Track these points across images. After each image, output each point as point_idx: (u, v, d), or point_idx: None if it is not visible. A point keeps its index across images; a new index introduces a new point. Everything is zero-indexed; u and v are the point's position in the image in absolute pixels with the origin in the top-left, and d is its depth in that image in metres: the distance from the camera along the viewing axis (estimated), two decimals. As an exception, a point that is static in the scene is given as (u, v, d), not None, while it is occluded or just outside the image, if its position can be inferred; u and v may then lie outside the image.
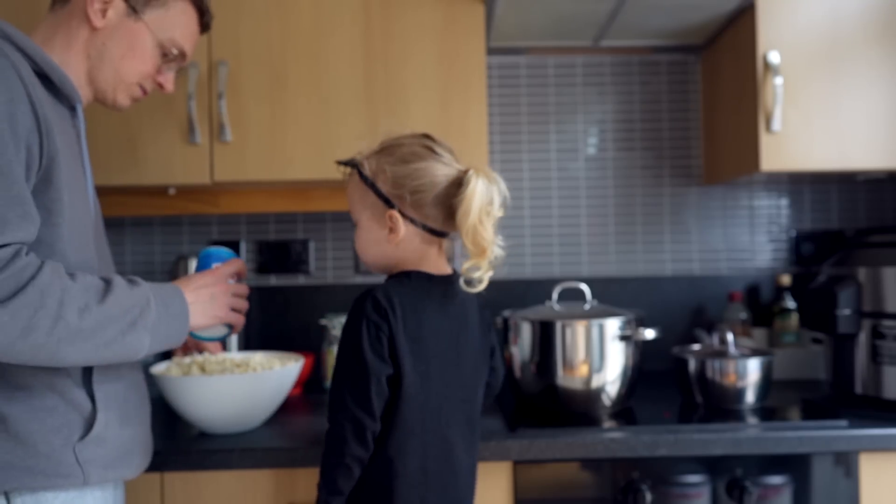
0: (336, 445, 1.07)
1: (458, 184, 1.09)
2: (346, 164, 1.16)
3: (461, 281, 1.11)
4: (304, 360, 1.48)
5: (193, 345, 1.29)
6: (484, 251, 1.08)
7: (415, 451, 1.09)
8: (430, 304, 1.12)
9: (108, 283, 0.99)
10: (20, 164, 0.94)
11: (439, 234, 1.13)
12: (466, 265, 1.10)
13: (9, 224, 0.91)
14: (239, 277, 1.22)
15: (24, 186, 0.93)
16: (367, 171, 1.13)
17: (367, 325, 1.07)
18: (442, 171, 1.10)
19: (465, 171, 1.10)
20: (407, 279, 1.13)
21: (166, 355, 1.56)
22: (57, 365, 0.95)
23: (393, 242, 1.12)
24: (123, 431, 1.06)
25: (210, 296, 1.13)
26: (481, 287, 1.11)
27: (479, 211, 1.07)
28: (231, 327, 1.21)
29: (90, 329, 0.94)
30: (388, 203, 1.11)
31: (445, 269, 1.16)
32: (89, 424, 1.01)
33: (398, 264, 1.14)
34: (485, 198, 1.08)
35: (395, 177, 1.10)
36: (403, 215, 1.11)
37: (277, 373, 1.38)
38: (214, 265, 1.21)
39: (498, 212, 1.11)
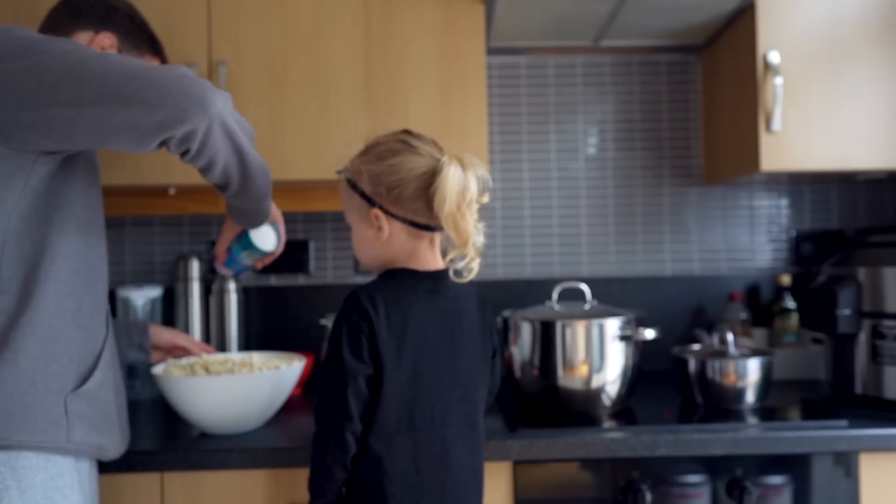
0: (318, 447, 1.08)
1: (433, 173, 1.08)
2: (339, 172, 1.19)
3: (451, 273, 1.10)
4: (305, 360, 1.48)
5: (253, 260, 1.44)
6: (466, 240, 1.07)
7: (405, 449, 1.08)
8: (416, 300, 1.11)
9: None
10: None
11: (425, 228, 1.12)
12: (450, 255, 1.09)
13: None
14: None
15: None
16: (349, 173, 1.15)
17: (346, 325, 1.07)
18: (418, 163, 1.09)
19: (439, 160, 1.09)
20: (392, 277, 1.13)
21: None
22: (236, 151, 1.09)
23: (381, 241, 1.12)
24: (109, 396, 1.11)
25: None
26: (471, 276, 1.10)
27: (456, 198, 1.06)
28: (273, 252, 1.42)
29: (250, 130, 1.13)
30: (371, 202, 1.12)
31: (435, 265, 1.15)
32: (83, 379, 1.06)
33: (390, 262, 1.15)
34: (460, 184, 1.07)
35: (372, 175, 1.11)
36: (386, 212, 1.11)
37: (280, 373, 1.38)
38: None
39: (481, 198, 1.10)
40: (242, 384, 1.34)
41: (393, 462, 1.07)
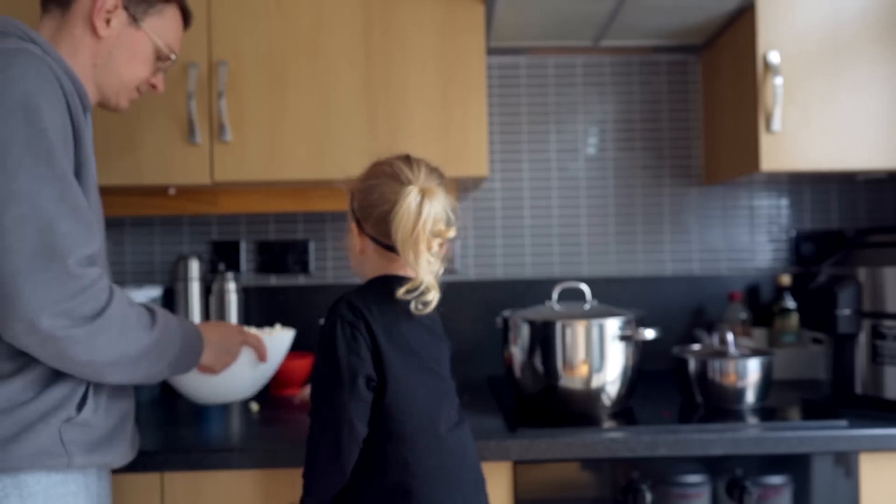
0: (314, 454, 1.08)
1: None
2: None
3: (411, 305, 1.09)
4: (293, 331, 1.53)
5: None
6: (417, 272, 1.08)
7: (427, 448, 1.08)
8: (399, 304, 1.11)
9: (153, 315, 1.08)
10: (73, 174, 1.01)
11: (392, 250, 1.12)
12: (404, 287, 1.08)
13: (89, 233, 0.99)
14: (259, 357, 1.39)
15: (83, 197, 1.01)
16: (351, 184, 1.20)
17: (341, 325, 1.07)
18: (392, 189, 1.11)
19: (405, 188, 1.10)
20: (378, 282, 1.15)
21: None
22: (95, 380, 1.03)
23: (358, 253, 1.17)
24: (108, 420, 1.08)
25: (226, 349, 1.29)
26: (427, 310, 1.10)
27: (409, 227, 1.07)
28: None
29: (133, 357, 1.04)
30: (354, 215, 1.17)
31: (410, 274, 1.16)
32: (78, 408, 1.03)
33: (370, 272, 1.18)
34: (411, 214, 1.07)
35: (356, 191, 1.17)
36: (360, 229, 1.16)
37: (276, 339, 1.42)
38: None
39: (445, 233, 1.10)
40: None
41: (419, 462, 1.07)
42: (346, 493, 1.09)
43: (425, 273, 1.08)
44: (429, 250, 1.08)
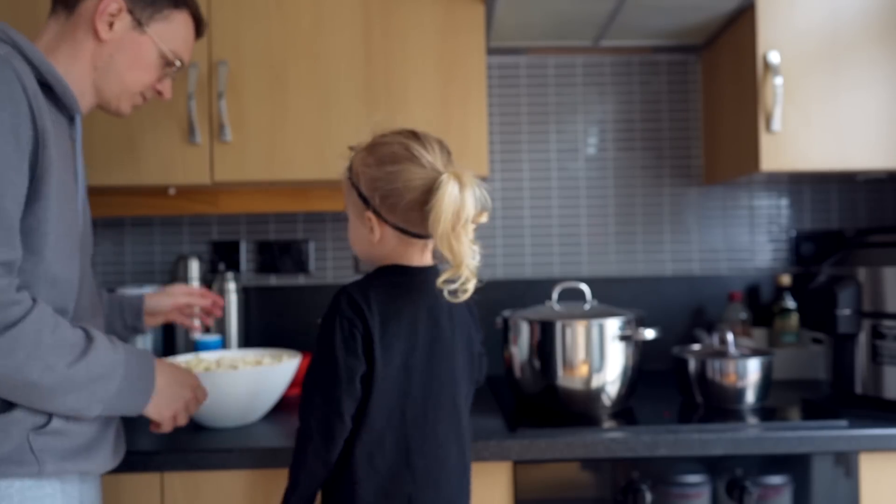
0: (303, 444, 1.07)
1: (430, 189, 1.04)
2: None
3: (445, 292, 1.06)
4: (298, 357, 1.50)
5: None
6: (459, 262, 1.04)
7: (396, 445, 1.08)
8: (408, 297, 1.11)
9: (88, 342, 1.01)
10: (23, 178, 0.97)
11: (417, 236, 1.11)
12: (444, 276, 1.06)
13: (5, 238, 0.94)
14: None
15: (16, 205, 0.96)
16: (351, 169, 1.13)
17: (340, 322, 1.07)
18: (417, 174, 1.06)
19: (439, 175, 1.05)
20: (384, 273, 1.13)
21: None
22: (5, 398, 0.98)
23: (372, 242, 1.12)
24: (87, 427, 1.06)
25: (174, 395, 1.16)
26: (465, 297, 1.06)
27: (451, 218, 1.03)
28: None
29: (46, 387, 0.96)
30: (366, 203, 1.10)
31: (427, 262, 1.15)
32: (49, 417, 1.01)
33: (382, 259, 1.14)
34: (456, 204, 1.03)
35: (369, 179, 1.09)
36: (379, 217, 1.10)
37: (261, 370, 1.41)
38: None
39: (478, 218, 1.07)
40: (245, 379, 1.37)
41: (384, 457, 1.07)
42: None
43: (468, 261, 1.04)
44: (468, 237, 1.05)
